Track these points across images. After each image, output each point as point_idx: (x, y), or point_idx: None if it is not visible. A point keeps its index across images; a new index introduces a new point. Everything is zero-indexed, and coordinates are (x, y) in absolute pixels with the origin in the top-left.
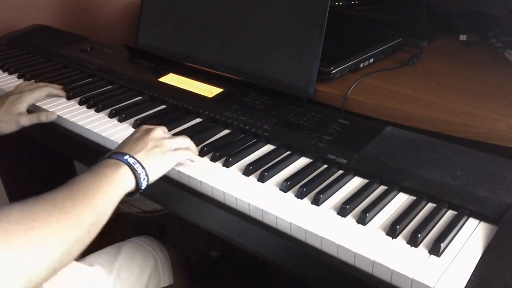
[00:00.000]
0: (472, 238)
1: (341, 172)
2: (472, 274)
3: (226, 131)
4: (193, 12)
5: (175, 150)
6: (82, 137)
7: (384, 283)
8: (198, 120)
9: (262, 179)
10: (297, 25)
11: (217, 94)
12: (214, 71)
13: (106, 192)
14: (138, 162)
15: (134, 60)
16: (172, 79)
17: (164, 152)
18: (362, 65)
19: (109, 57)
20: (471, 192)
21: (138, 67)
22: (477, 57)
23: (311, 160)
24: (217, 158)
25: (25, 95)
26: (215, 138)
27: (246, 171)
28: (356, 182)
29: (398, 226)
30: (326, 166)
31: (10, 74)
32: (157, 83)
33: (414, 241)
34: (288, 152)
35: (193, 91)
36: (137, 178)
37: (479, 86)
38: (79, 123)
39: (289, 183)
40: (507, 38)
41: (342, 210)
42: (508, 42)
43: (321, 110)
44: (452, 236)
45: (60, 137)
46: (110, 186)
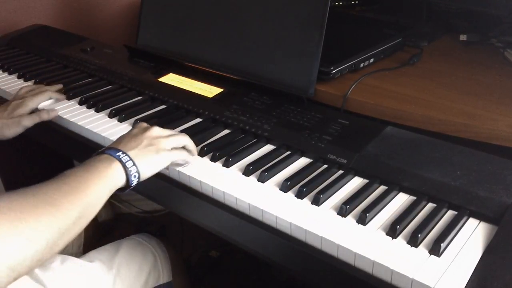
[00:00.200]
0: (472, 238)
1: (341, 172)
2: (472, 274)
3: (226, 131)
4: (193, 12)
5: (170, 150)
6: (82, 137)
7: (384, 283)
8: (198, 120)
9: (262, 179)
10: (297, 25)
11: (217, 94)
12: (214, 71)
13: (96, 186)
14: (130, 159)
15: (134, 60)
16: (172, 79)
17: (158, 151)
18: (362, 65)
19: (109, 57)
20: (471, 192)
21: (138, 67)
22: (477, 57)
23: (311, 160)
24: (217, 158)
25: (27, 100)
26: (215, 138)
27: (246, 171)
28: (356, 182)
29: (398, 226)
30: (326, 166)
31: (10, 74)
32: (157, 83)
33: (414, 241)
34: (288, 152)
35: (193, 91)
36: (127, 174)
37: (479, 86)
38: (79, 123)
39: (289, 183)
40: (507, 38)
41: (342, 210)
42: (508, 42)
43: (321, 110)
44: (452, 236)
45: (60, 137)
46: (100, 180)
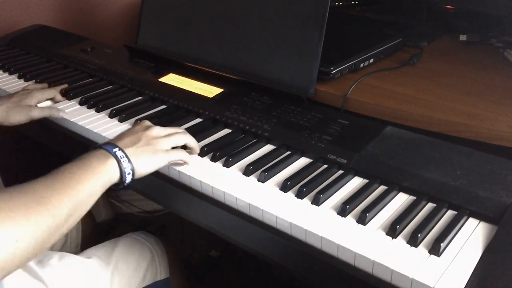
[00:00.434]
0: (472, 238)
1: (341, 172)
2: (472, 274)
3: (226, 131)
4: (193, 12)
5: (168, 150)
6: (83, 137)
7: (384, 283)
8: (198, 120)
9: (262, 179)
10: (297, 25)
11: (217, 94)
12: (214, 71)
13: (88, 182)
14: (126, 156)
15: (135, 60)
16: (172, 79)
17: (155, 151)
18: (362, 65)
19: (109, 57)
20: (471, 192)
21: (138, 67)
22: (477, 57)
23: (311, 160)
24: (217, 158)
25: (35, 92)
26: (215, 138)
27: (246, 171)
28: (356, 182)
29: (398, 226)
30: (326, 166)
31: (11, 74)
32: (157, 83)
33: (414, 241)
34: (288, 152)
35: (193, 91)
36: (122, 171)
37: (479, 86)
38: (80, 123)
39: (289, 183)
40: (507, 38)
41: (342, 210)
42: (508, 42)
43: (321, 110)
44: (452, 236)
45: (60, 137)
46: (94, 176)
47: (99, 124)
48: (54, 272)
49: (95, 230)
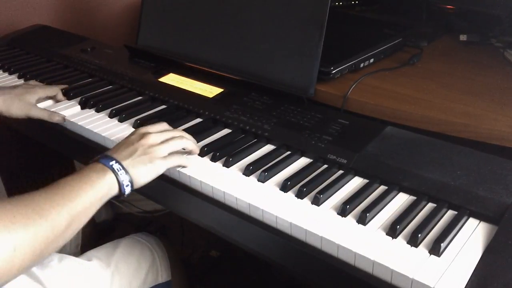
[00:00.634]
0: (472, 238)
1: (341, 172)
2: (472, 274)
3: (226, 131)
4: (193, 12)
5: (165, 157)
6: (82, 137)
7: (384, 283)
8: (199, 120)
9: (262, 179)
10: (297, 25)
11: (217, 94)
12: (214, 71)
13: (87, 196)
14: (123, 168)
15: (135, 60)
16: (172, 79)
17: (152, 160)
18: (362, 65)
19: (109, 57)
20: (471, 192)
21: (138, 67)
22: (477, 57)
23: (311, 160)
24: (217, 158)
25: (37, 88)
26: (215, 138)
27: (246, 171)
28: (356, 182)
29: (398, 226)
30: (326, 166)
31: (11, 74)
32: (157, 83)
33: (414, 241)
34: (288, 152)
35: (193, 91)
36: (120, 183)
37: (479, 86)
38: (80, 123)
39: (289, 183)
40: (507, 38)
41: (342, 210)
42: (508, 42)
43: (321, 110)
44: (452, 236)
45: (60, 137)
46: (92, 189)
47: (99, 124)
48: (54, 274)
49: (95, 230)
